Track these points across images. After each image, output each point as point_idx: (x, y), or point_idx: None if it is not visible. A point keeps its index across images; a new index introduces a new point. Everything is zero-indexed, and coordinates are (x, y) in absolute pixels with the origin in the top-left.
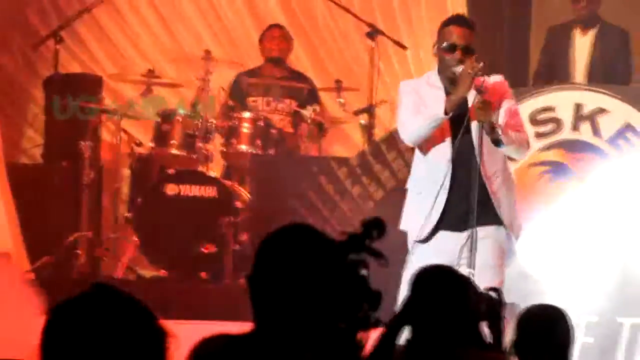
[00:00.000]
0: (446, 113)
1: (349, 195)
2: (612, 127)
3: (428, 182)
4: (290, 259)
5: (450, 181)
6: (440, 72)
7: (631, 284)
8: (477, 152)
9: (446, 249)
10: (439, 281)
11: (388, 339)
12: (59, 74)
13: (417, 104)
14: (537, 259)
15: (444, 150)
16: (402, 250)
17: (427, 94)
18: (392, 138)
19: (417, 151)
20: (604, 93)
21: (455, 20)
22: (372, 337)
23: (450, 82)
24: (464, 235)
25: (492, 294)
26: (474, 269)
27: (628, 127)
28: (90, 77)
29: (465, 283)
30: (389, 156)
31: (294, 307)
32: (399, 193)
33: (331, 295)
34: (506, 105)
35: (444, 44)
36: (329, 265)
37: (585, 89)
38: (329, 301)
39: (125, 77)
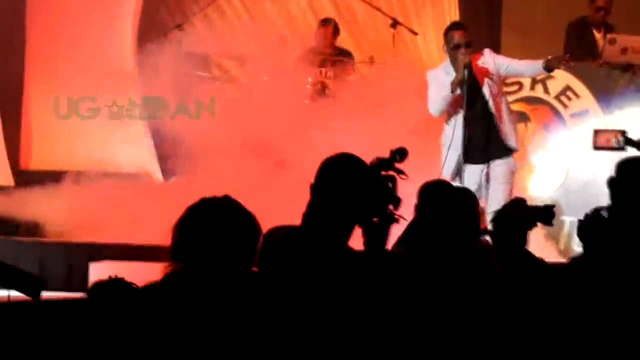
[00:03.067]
0: (452, 92)
1: None
2: (557, 88)
3: (454, 136)
4: (341, 175)
5: (467, 133)
6: (452, 64)
7: (571, 192)
8: (490, 104)
9: (470, 179)
10: (439, 190)
11: (407, 233)
12: None
13: (439, 88)
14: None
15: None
16: None
17: (444, 79)
18: None
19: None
20: None
21: (455, 26)
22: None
23: (464, 67)
24: (482, 167)
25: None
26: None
27: (568, 88)
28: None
29: (458, 191)
30: None
31: (343, 207)
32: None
33: (368, 200)
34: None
35: (452, 45)
36: (367, 179)
37: None
38: (367, 203)
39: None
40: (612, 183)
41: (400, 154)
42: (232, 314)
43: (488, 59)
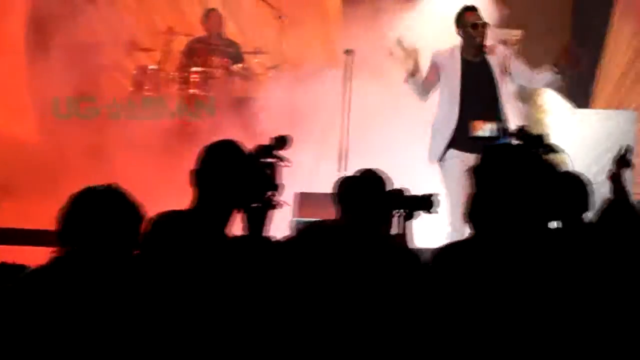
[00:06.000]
0: (406, 81)
1: None
2: None
3: (443, 119)
4: (219, 160)
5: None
6: (468, 45)
7: None
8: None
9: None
10: (357, 182)
11: None
12: None
13: (433, 71)
14: None
15: (452, 93)
16: None
17: (447, 63)
18: None
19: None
20: None
21: (469, 8)
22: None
23: (475, 49)
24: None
25: None
26: None
27: None
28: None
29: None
30: None
31: (220, 192)
32: None
33: (248, 185)
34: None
35: (470, 24)
36: (245, 165)
37: None
38: (245, 189)
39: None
40: (476, 171)
41: (280, 141)
42: (112, 295)
43: (501, 51)
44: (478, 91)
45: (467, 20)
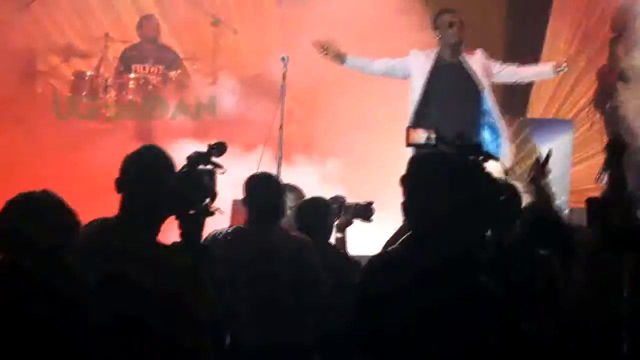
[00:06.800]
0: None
1: None
2: None
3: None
4: (139, 168)
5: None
6: (444, 46)
7: None
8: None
9: None
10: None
11: None
12: None
13: (398, 64)
14: None
15: (416, 92)
16: None
17: (417, 63)
18: None
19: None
20: None
21: (446, 9)
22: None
23: (452, 50)
24: None
25: None
26: None
27: None
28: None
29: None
30: None
31: (159, 199)
32: None
33: (185, 193)
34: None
35: (447, 24)
36: (184, 174)
37: None
38: (183, 196)
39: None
40: (403, 180)
41: (218, 148)
42: (41, 300)
43: (479, 56)
44: (453, 90)
45: (443, 20)
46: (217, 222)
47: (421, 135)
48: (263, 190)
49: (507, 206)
